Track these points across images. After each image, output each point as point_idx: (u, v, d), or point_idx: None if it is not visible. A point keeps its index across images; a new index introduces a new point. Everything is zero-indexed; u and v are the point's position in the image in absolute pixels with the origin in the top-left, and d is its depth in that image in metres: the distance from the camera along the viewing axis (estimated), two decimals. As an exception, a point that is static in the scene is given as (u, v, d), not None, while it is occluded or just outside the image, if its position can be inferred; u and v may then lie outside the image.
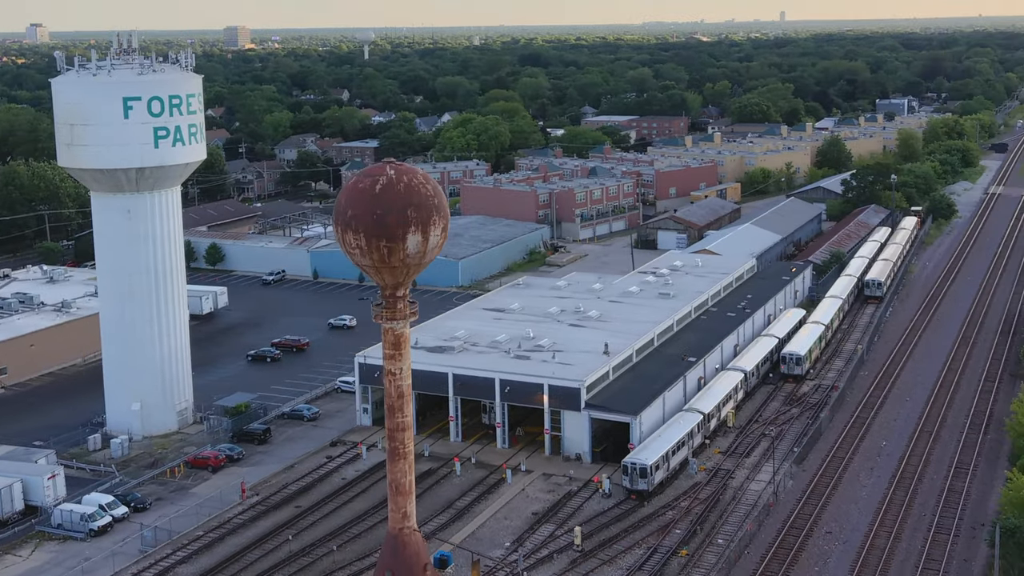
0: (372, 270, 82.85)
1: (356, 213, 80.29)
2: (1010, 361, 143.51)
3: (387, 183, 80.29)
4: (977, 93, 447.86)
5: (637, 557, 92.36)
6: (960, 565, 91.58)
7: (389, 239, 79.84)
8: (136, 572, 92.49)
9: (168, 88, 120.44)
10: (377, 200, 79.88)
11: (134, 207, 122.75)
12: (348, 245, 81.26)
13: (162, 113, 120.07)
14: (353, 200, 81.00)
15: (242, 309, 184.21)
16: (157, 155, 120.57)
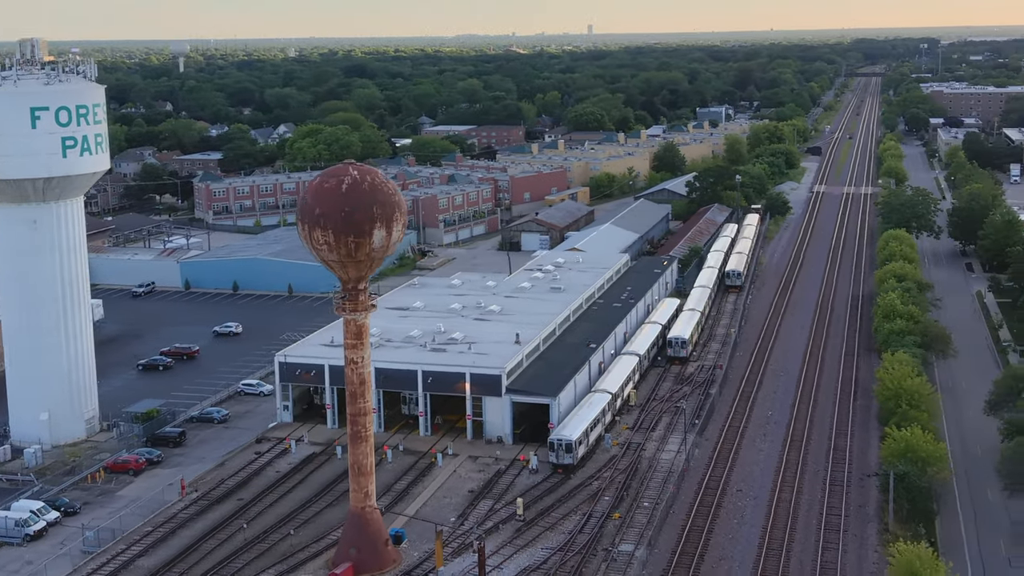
0: (338, 265, 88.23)
1: (324, 211, 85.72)
2: (863, 336, 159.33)
3: (353, 182, 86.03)
4: (787, 101, 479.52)
5: (575, 523, 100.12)
6: (856, 510, 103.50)
7: (357, 235, 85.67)
8: (95, 568, 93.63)
9: (75, 98, 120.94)
10: (345, 198, 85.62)
11: (40, 217, 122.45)
12: (316, 241, 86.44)
13: (70, 123, 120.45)
14: (321, 199, 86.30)
15: (118, 321, 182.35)
16: (65, 165, 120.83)
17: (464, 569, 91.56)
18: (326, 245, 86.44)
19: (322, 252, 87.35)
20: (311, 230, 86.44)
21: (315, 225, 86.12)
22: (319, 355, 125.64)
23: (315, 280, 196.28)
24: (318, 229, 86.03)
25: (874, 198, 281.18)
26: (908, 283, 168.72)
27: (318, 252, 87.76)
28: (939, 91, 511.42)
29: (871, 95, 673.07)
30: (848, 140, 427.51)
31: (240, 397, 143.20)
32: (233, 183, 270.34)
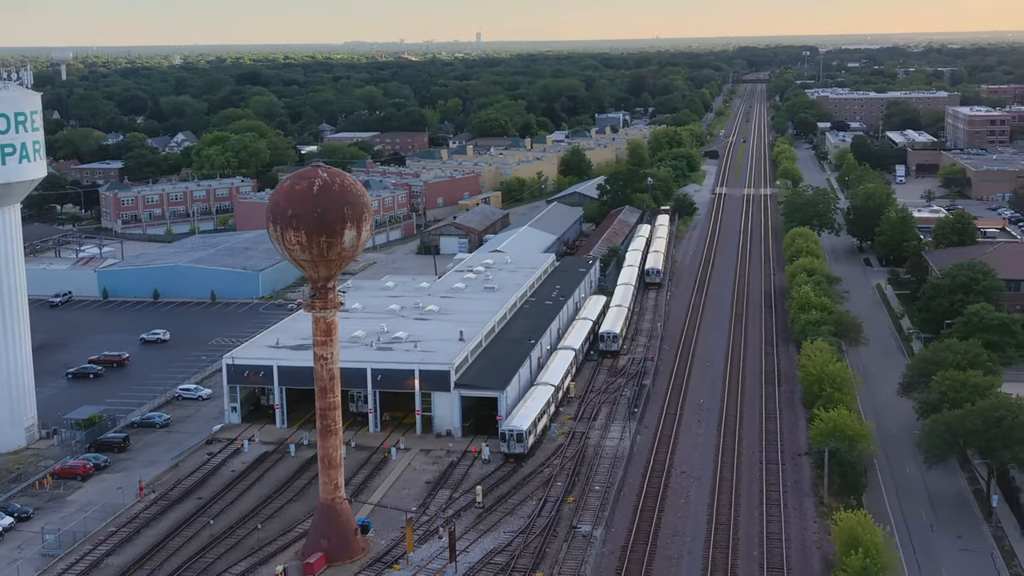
0: (309, 264, 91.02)
1: (297, 212, 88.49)
2: (779, 328, 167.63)
3: (323, 184, 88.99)
4: (681, 107, 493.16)
5: (532, 507, 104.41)
6: (793, 485, 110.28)
7: (329, 235, 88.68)
8: (65, 568, 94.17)
9: (13, 105, 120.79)
10: (316, 200, 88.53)
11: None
12: (288, 242, 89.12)
13: (8, 130, 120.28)
14: (293, 200, 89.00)
15: (39, 331, 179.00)
16: (4, 172, 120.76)
17: (432, 554, 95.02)
18: (298, 245, 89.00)
19: (294, 252, 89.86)
20: (283, 231, 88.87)
21: (287, 226, 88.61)
22: (267, 357, 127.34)
23: (238, 287, 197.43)
24: (290, 230, 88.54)
25: (774, 198, 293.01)
26: (818, 276, 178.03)
27: (290, 252, 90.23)
28: (825, 96, 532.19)
29: (758, 101, 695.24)
30: (743, 144, 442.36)
31: (178, 402, 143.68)
32: (142, 192, 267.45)
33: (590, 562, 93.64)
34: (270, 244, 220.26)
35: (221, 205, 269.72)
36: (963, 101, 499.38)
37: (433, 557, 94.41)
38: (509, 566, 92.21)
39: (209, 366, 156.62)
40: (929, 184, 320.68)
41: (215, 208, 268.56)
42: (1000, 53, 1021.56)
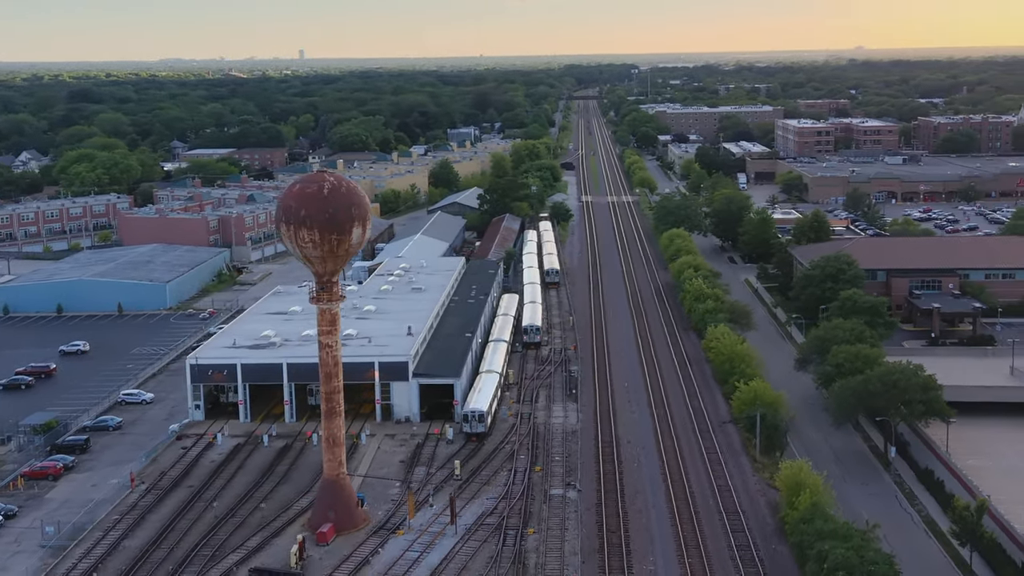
0: (319, 260, 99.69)
1: (309, 212, 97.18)
2: (676, 318, 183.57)
3: (332, 187, 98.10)
4: (530, 122, 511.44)
5: (505, 477, 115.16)
6: (726, 447, 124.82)
7: (339, 232, 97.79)
8: (84, 552, 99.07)
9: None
10: (327, 201, 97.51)
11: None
12: (301, 240, 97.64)
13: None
14: (305, 202, 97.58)
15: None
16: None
17: (428, 520, 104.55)
18: (311, 243, 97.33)
19: (306, 249, 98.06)
20: (297, 230, 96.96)
21: (301, 225, 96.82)
22: (230, 356, 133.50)
23: (145, 299, 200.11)
24: (304, 229, 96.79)
25: (635, 205, 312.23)
26: (704, 271, 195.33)
27: (302, 249, 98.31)
28: (663, 111, 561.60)
29: (594, 116, 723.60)
30: (592, 156, 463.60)
31: (123, 406, 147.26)
32: (16, 209, 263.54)
33: (572, 518, 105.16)
34: (166, 256, 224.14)
35: (98, 221, 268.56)
36: (786, 115, 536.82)
37: (431, 522, 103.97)
38: (502, 525, 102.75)
39: (140, 372, 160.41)
40: (769, 190, 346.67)
41: (92, 224, 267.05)
42: (806, 71, 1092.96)
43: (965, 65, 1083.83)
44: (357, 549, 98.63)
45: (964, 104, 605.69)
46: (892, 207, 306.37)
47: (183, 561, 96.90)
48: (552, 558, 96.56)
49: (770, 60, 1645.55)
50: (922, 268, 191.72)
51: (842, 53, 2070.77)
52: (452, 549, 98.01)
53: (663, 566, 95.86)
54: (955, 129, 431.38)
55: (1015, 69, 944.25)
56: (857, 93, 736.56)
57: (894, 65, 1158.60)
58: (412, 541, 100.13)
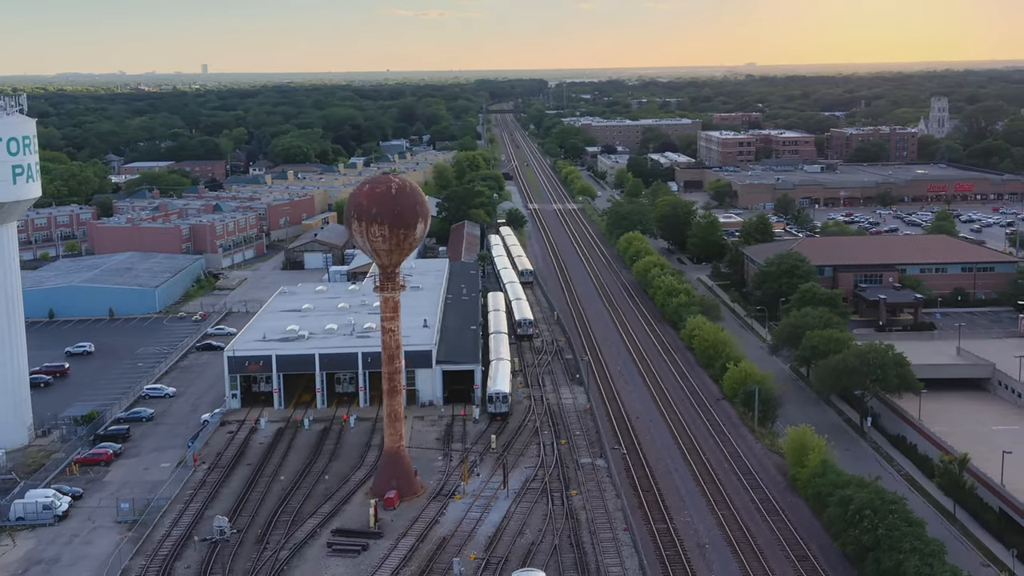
0: (386, 253, 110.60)
1: (380, 210, 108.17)
2: (649, 312, 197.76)
3: (399, 187, 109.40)
4: (460, 135, 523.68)
5: (535, 450, 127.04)
6: (725, 419, 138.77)
7: (406, 227, 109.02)
8: (172, 521, 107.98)
9: (20, 130, 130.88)
10: (396, 200, 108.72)
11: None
12: (372, 235, 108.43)
13: (18, 152, 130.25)
14: (376, 201, 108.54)
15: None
16: (14, 191, 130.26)
17: (479, 486, 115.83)
18: (381, 237, 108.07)
19: (376, 243, 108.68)
20: (368, 226, 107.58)
21: (372, 222, 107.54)
22: (264, 348, 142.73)
23: (135, 303, 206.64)
24: (375, 225, 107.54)
25: (581, 211, 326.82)
26: (668, 270, 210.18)
27: (372, 243, 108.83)
28: (588, 124, 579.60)
29: (515, 129, 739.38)
30: (527, 167, 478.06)
31: (147, 400, 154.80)
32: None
33: (605, 482, 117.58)
34: (146, 264, 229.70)
35: (62, 232, 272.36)
36: (704, 127, 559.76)
37: (482, 488, 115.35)
38: (547, 489, 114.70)
39: (152, 370, 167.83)
40: (699, 197, 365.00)
41: (57, 235, 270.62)
42: (711, 86, 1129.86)
43: (857, 81, 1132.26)
44: (422, 512, 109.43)
45: (865, 117, 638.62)
46: (816, 212, 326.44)
47: (266, 526, 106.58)
48: (599, 514, 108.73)
49: (670, 75, 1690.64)
50: (864, 264, 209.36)
51: (737, 69, 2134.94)
52: (509, 509, 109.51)
53: (698, 518, 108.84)
54: (866, 140, 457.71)
55: (905, 84, 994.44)
56: (764, 107, 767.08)
57: (791, 80, 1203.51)
58: (470, 504, 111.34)
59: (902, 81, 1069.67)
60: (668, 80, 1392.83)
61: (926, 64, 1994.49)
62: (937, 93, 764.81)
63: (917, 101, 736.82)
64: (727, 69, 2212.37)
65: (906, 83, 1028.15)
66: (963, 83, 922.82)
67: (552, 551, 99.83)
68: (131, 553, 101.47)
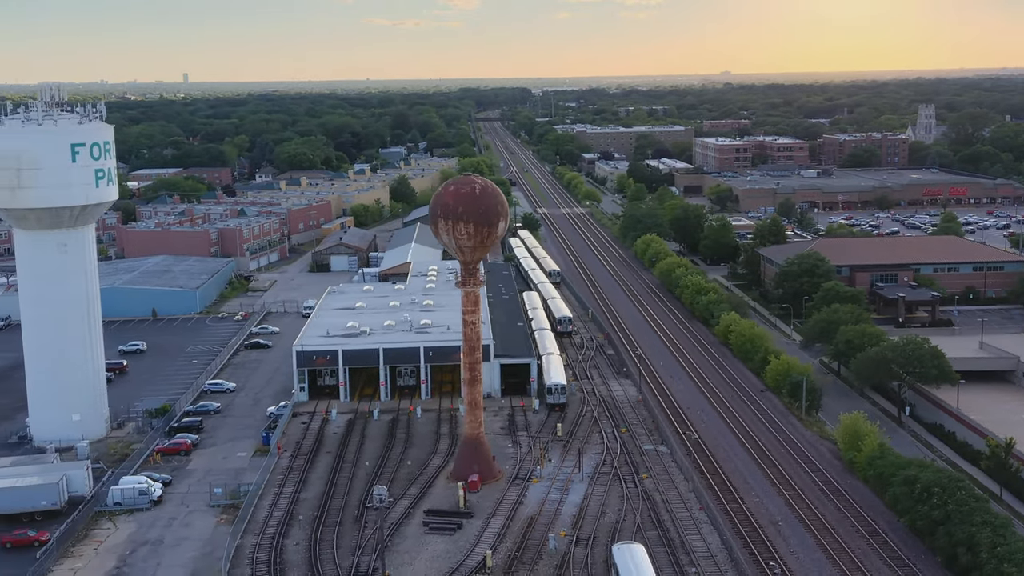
0: (469, 250, 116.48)
1: (466, 209, 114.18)
2: (678, 309, 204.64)
3: (482, 187, 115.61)
4: (456, 142, 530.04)
5: (598, 437, 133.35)
6: (772, 409, 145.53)
7: (489, 225, 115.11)
8: (269, 505, 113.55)
9: (101, 135, 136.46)
10: (479, 199, 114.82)
11: (71, 241, 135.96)
12: (458, 233, 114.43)
13: (100, 157, 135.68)
14: (462, 200, 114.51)
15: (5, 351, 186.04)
16: (96, 193, 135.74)
17: (554, 470, 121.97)
18: (466, 235, 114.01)
19: (462, 240, 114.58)
20: (455, 225, 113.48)
21: (458, 220, 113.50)
22: (331, 343, 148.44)
23: (177, 303, 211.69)
24: (461, 223, 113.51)
25: (589, 215, 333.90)
26: (693, 270, 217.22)
27: (458, 241, 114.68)
28: (583, 131, 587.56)
29: (507, 136, 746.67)
30: (526, 173, 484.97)
31: (210, 395, 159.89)
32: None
33: (671, 466, 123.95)
34: (181, 266, 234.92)
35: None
36: (696, 134, 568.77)
37: (557, 472, 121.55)
38: (618, 472, 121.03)
39: (206, 367, 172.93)
40: (699, 201, 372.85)
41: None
42: (695, 94, 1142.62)
43: (835, 89, 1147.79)
44: (504, 494, 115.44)
45: (849, 124, 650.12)
46: (816, 216, 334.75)
47: (359, 506, 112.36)
48: (672, 495, 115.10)
49: (647, 84, 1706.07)
50: (880, 264, 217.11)
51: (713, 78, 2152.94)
52: (587, 491, 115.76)
53: (767, 498, 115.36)
54: (859, 146, 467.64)
55: (881, 92, 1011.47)
56: (749, 114, 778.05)
57: (770, 88, 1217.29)
58: (548, 487, 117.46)
59: (877, 89, 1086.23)
60: (648, 89, 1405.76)
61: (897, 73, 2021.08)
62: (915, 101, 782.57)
63: (898, 108, 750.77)
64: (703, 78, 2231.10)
65: (882, 91, 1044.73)
66: (938, 91, 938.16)
67: (636, 528, 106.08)
68: (240, 532, 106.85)
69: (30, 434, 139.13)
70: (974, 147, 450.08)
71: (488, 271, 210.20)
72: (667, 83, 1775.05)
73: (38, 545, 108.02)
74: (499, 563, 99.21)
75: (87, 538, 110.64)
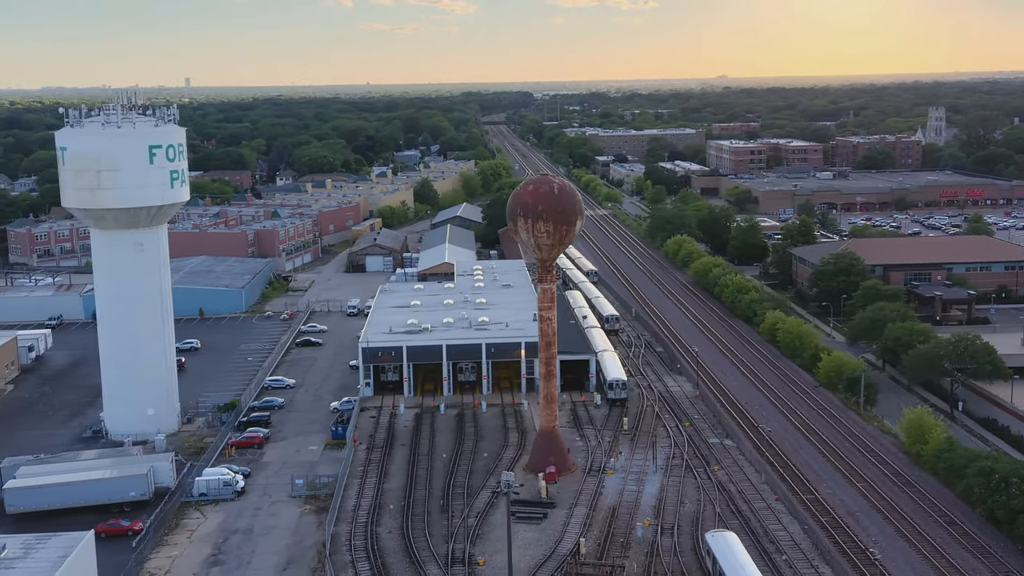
0: (548, 247, 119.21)
1: (546, 208, 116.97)
2: (718, 308, 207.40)
3: (560, 187, 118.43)
4: (472, 145, 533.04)
5: (663, 431, 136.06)
6: (829, 404, 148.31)
7: (568, 223, 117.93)
8: (356, 494, 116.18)
9: (176, 138, 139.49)
10: (558, 198, 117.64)
11: (146, 240, 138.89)
12: (537, 231, 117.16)
13: (175, 159, 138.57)
14: (541, 200, 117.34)
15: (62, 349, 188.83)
16: (172, 194, 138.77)
17: (626, 462, 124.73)
18: (546, 233, 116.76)
19: (541, 238, 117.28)
20: (534, 223, 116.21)
21: (538, 219, 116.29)
22: (395, 340, 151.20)
23: (223, 303, 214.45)
24: (540, 221, 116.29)
25: (613, 217, 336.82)
26: (732, 270, 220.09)
27: (537, 239, 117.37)
28: (595, 134, 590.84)
29: (514, 139, 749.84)
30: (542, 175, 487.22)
31: (271, 391, 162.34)
32: (53, 227, 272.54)
33: (739, 459, 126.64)
34: (223, 267, 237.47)
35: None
36: (707, 137, 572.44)
37: (629, 464, 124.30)
38: (689, 465, 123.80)
39: (261, 364, 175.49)
40: (716, 203, 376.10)
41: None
42: (697, 97, 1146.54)
43: (835, 92, 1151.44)
44: (582, 486, 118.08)
45: (856, 127, 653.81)
46: (837, 216, 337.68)
47: (443, 496, 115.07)
48: (746, 487, 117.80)
49: (646, 88, 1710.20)
50: (913, 263, 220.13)
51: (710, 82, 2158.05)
52: (662, 483, 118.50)
53: (839, 489, 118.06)
54: (872, 148, 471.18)
55: (883, 96, 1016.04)
56: (753, 117, 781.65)
57: (771, 92, 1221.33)
58: (624, 478, 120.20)
59: (878, 92, 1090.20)
60: (648, 93, 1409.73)
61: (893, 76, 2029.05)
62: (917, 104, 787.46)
63: (902, 111, 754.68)
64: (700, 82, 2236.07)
65: (882, 94, 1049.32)
66: (937, 94, 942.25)
67: (716, 518, 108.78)
68: (333, 520, 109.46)
69: (105, 428, 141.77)
70: (988, 149, 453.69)
71: (532, 270, 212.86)
72: (665, 87, 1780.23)
73: (131, 535, 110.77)
74: (590, 550, 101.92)
75: (178, 527, 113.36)
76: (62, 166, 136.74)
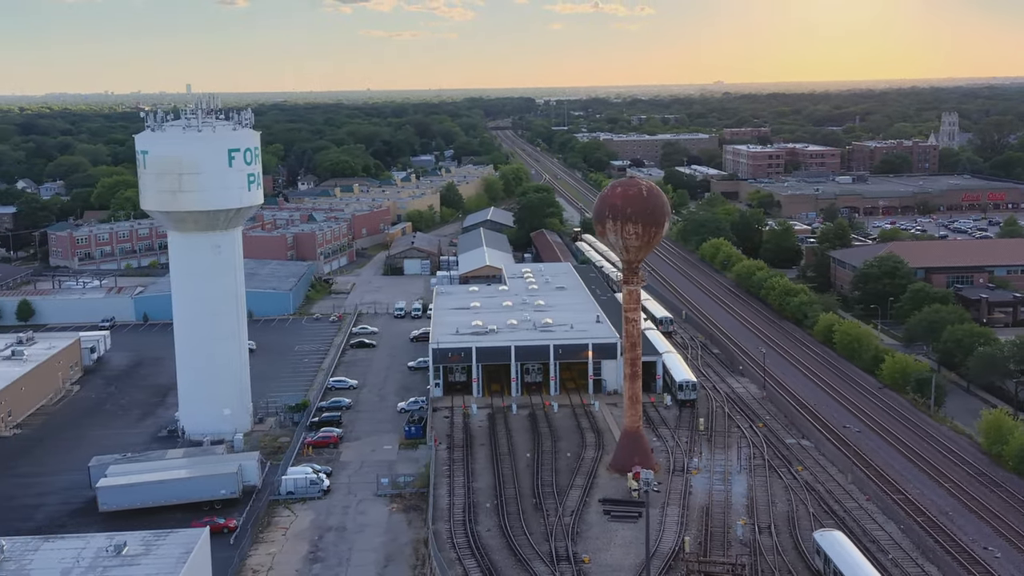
0: (635, 249, 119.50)
1: (635, 210, 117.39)
2: (766, 310, 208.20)
3: (648, 189, 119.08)
4: (488, 151, 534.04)
5: (736, 431, 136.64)
6: (898, 405, 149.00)
7: (656, 225, 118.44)
8: (447, 493, 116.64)
9: (251, 142, 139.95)
10: (647, 200, 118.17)
11: (223, 242, 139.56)
12: (626, 232, 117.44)
13: (252, 162, 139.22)
14: (630, 202, 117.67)
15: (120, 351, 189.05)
16: (248, 197, 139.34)
17: (708, 462, 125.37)
18: (635, 234, 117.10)
19: (629, 240, 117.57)
20: (623, 225, 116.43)
21: (627, 220, 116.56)
22: (464, 341, 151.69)
23: (272, 305, 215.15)
24: (629, 223, 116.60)
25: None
26: (776, 273, 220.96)
27: (626, 240, 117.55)
28: (609, 139, 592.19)
29: (523, 144, 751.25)
30: (559, 180, 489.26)
31: (334, 391, 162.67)
32: (92, 230, 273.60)
33: (819, 459, 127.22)
34: (266, 270, 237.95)
35: (162, 241, 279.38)
36: (720, 142, 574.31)
37: (712, 464, 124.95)
38: (771, 465, 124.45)
39: (318, 365, 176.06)
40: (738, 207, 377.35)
41: (158, 244, 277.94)
42: (700, 103, 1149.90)
43: (837, 97, 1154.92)
44: (670, 484, 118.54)
45: (863, 131, 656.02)
46: (864, 221, 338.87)
47: (533, 495, 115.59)
48: (833, 486, 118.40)
49: (645, 93, 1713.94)
50: (955, 266, 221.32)
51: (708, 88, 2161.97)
52: (749, 483, 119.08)
53: (927, 489, 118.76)
54: (890, 152, 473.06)
55: (885, 100, 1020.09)
56: (759, 121, 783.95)
57: (772, 98, 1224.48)
58: (709, 478, 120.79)
59: (878, 98, 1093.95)
60: (649, 98, 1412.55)
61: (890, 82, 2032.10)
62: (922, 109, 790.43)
63: (908, 116, 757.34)
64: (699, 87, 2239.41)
65: (884, 99, 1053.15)
66: (938, 99, 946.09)
67: (811, 517, 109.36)
68: (431, 519, 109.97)
69: (181, 428, 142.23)
70: (1005, 153, 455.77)
71: (580, 273, 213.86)
72: (664, 92, 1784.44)
73: (227, 532, 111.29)
74: (692, 549, 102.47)
75: (271, 525, 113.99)
76: (143, 169, 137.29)
